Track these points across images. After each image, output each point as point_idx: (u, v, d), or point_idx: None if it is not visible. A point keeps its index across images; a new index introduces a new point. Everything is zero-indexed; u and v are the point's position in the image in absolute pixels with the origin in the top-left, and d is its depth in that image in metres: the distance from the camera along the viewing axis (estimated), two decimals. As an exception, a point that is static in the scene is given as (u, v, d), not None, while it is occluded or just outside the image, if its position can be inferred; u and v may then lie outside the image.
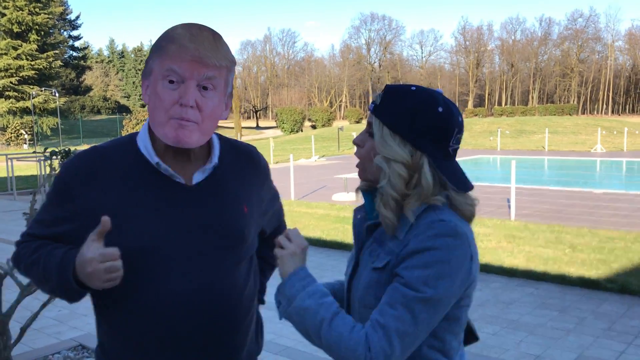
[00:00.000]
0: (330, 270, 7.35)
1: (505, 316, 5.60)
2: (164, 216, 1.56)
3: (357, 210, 1.71)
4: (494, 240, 8.57)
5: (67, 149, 3.54)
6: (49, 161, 3.69)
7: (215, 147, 1.72)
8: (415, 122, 1.44)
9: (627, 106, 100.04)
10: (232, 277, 1.68)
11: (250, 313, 1.79)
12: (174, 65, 1.51)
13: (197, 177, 1.63)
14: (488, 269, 7.12)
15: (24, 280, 3.66)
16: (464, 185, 1.47)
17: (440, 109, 1.46)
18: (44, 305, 3.76)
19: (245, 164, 1.80)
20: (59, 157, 3.58)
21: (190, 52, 1.50)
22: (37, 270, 1.57)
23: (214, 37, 1.57)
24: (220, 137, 1.77)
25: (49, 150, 3.61)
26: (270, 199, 1.92)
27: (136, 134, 1.70)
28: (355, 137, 1.55)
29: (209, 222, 1.64)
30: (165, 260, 1.58)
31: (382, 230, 1.53)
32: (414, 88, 1.49)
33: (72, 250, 1.51)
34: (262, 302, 2.05)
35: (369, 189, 1.58)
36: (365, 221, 1.61)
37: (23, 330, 3.67)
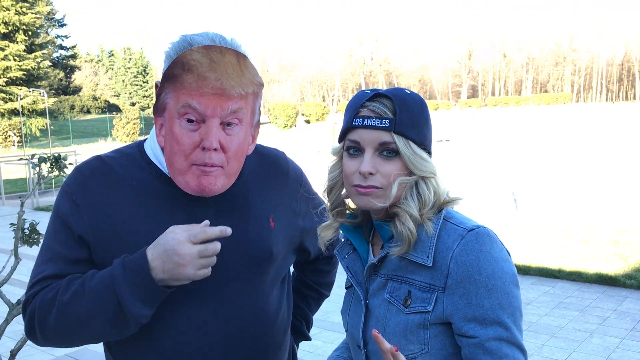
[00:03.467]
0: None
1: (524, 318, 5.34)
2: None
3: (341, 250, 1.46)
4: (502, 235, 8.32)
5: (56, 155, 3.22)
6: (37, 168, 3.38)
7: None
8: (430, 129, 1.34)
9: (621, 93, 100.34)
10: (261, 303, 1.45)
11: (283, 347, 1.55)
12: (193, 101, 1.27)
13: None
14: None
15: (12, 298, 3.36)
16: None
17: (428, 110, 1.36)
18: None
19: (271, 171, 1.56)
20: (47, 163, 3.27)
21: (211, 84, 1.26)
22: (82, 302, 1.27)
23: (238, 60, 1.31)
24: None
25: (37, 156, 3.29)
26: (309, 213, 1.64)
27: (143, 141, 1.48)
28: (363, 165, 1.27)
29: (232, 238, 1.39)
30: (183, 288, 1.35)
31: (393, 264, 1.30)
32: (408, 91, 1.33)
33: (131, 255, 1.28)
34: (307, 338, 1.81)
35: (386, 217, 1.33)
36: (360, 259, 1.39)
37: (13, 354, 3.37)
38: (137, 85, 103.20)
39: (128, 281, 1.23)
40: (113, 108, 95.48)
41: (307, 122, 55.66)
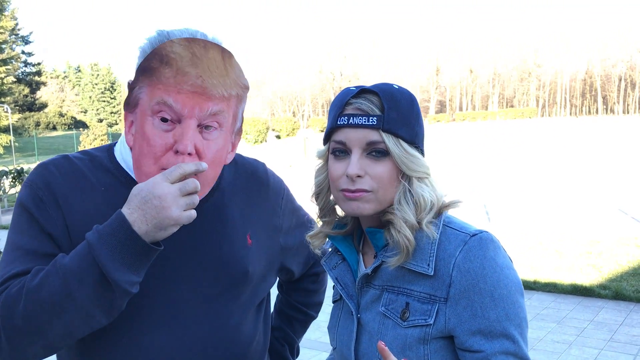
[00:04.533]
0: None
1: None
2: None
3: (328, 261, 1.34)
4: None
5: (19, 168, 3.07)
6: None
7: None
8: (420, 126, 1.22)
9: (584, 108, 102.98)
10: (232, 329, 1.30)
11: None
12: (169, 98, 1.14)
13: None
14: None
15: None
16: None
17: (419, 106, 1.25)
18: None
19: (250, 183, 1.42)
20: (9, 177, 3.11)
21: (191, 81, 1.13)
22: (55, 282, 1.08)
23: (223, 57, 1.18)
24: None
25: (-2, 170, 3.14)
26: (294, 228, 1.50)
27: (113, 144, 1.35)
28: (350, 168, 1.16)
29: (203, 256, 1.26)
30: (149, 306, 1.21)
31: (389, 274, 1.19)
32: (396, 86, 1.21)
33: (102, 224, 1.10)
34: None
35: (378, 223, 1.22)
36: (350, 269, 1.28)
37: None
38: (104, 101, 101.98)
39: (108, 245, 1.07)
40: (80, 124, 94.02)
41: (278, 137, 55.60)
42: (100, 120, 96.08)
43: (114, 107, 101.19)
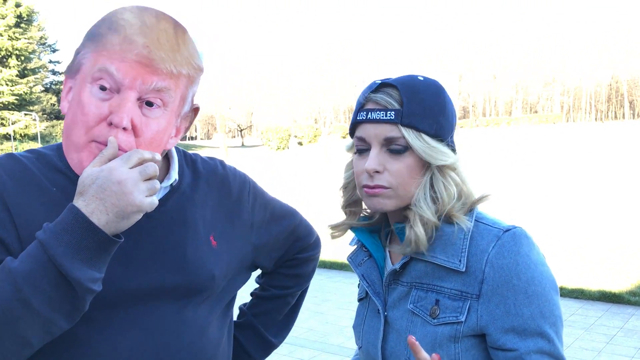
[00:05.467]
0: (332, 293, 6.91)
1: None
2: None
3: (354, 257, 1.31)
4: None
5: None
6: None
7: (174, 160, 1.27)
8: (447, 118, 1.18)
9: (610, 113, 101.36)
10: (200, 333, 1.24)
11: None
12: (111, 66, 1.07)
13: None
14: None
15: None
16: None
17: (448, 96, 1.21)
18: None
19: (210, 182, 1.34)
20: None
21: (136, 50, 1.06)
22: (5, 287, 0.97)
23: (176, 31, 1.12)
24: (178, 149, 1.33)
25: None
26: (267, 222, 1.43)
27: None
28: (368, 163, 1.14)
29: (166, 259, 1.19)
30: (107, 309, 1.13)
31: (418, 270, 1.16)
32: (421, 77, 1.19)
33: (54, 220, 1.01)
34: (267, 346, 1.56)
35: (402, 218, 1.19)
36: (377, 266, 1.25)
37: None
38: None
39: (62, 242, 0.97)
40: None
41: (300, 144, 55.68)
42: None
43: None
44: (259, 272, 1.57)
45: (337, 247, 9.41)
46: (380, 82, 1.19)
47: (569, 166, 23.45)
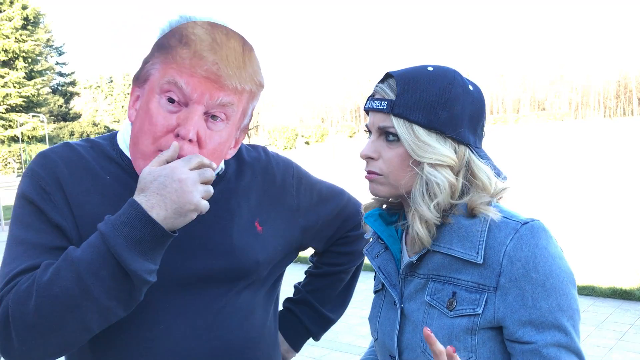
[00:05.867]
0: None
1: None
2: None
3: (370, 250, 1.32)
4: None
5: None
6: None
7: None
8: (452, 110, 1.14)
9: (619, 110, 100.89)
10: (246, 316, 1.28)
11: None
12: (181, 80, 1.11)
13: None
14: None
15: None
16: (502, 174, 1.23)
17: (471, 88, 1.18)
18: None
19: (254, 169, 1.38)
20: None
21: (206, 66, 1.11)
22: (67, 275, 1.03)
23: (244, 49, 1.15)
24: None
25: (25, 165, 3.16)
26: (314, 205, 1.46)
27: (115, 133, 1.31)
28: (362, 150, 1.19)
29: (214, 245, 1.23)
30: (163, 296, 1.18)
31: (435, 262, 1.15)
32: (431, 68, 1.18)
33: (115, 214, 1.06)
34: (314, 338, 1.62)
35: (401, 208, 1.22)
36: (393, 258, 1.25)
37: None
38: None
39: (122, 234, 1.02)
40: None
41: (307, 143, 55.80)
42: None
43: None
44: (311, 251, 1.61)
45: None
46: (386, 73, 1.21)
47: (578, 163, 23.36)
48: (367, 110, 1.21)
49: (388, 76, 1.19)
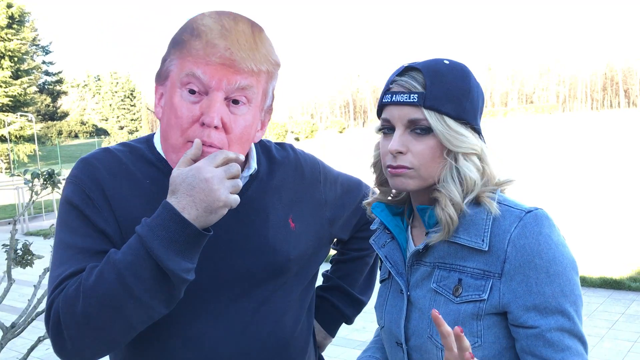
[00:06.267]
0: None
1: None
2: None
3: (377, 240, 1.35)
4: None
5: (49, 170, 3.11)
6: (29, 185, 3.25)
7: (252, 150, 1.34)
8: (472, 101, 1.20)
9: (606, 102, 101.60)
10: (281, 314, 1.32)
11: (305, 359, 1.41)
12: (198, 70, 1.14)
13: None
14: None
15: (6, 322, 3.21)
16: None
17: (475, 80, 1.23)
18: (31, 349, 3.31)
19: (283, 167, 1.42)
20: (41, 179, 3.15)
21: (219, 52, 1.13)
22: (110, 278, 1.08)
23: (253, 31, 1.19)
24: None
25: (30, 172, 3.17)
26: (339, 197, 1.52)
27: (152, 135, 1.35)
28: (391, 144, 1.18)
29: (251, 244, 1.27)
30: (195, 299, 1.21)
31: (441, 251, 1.18)
32: (447, 61, 1.22)
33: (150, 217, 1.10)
34: (348, 321, 1.67)
35: (429, 200, 1.22)
36: (399, 248, 1.28)
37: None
38: (124, 109, 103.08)
39: (159, 236, 1.06)
40: (101, 132, 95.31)
41: (297, 139, 55.74)
42: (121, 128, 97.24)
43: (134, 114, 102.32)
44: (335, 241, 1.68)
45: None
46: (406, 65, 1.22)
47: (567, 155, 23.54)
48: (387, 105, 1.21)
49: (410, 69, 1.20)
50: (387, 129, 1.22)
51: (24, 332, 3.27)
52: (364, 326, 5.21)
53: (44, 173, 3.26)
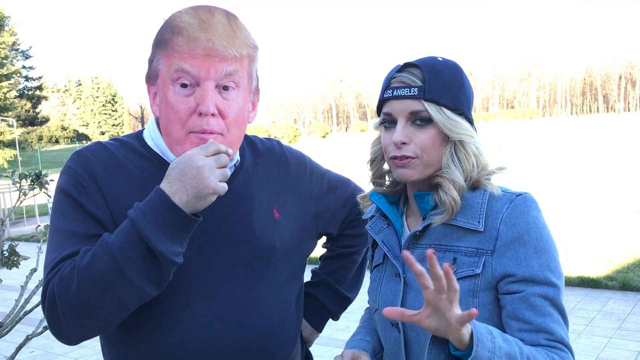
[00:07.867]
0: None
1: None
2: None
3: (373, 225, 1.43)
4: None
5: (37, 171, 3.14)
6: (16, 185, 3.28)
7: None
8: (466, 94, 1.31)
9: (585, 107, 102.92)
10: (269, 301, 1.37)
11: (294, 351, 1.46)
12: (185, 64, 1.21)
13: None
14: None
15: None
16: None
17: (467, 76, 1.36)
18: (19, 347, 3.33)
19: (269, 160, 1.49)
20: (28, 180, 3.19)
21: (202, 45, 1.21)
22: (103, 259, 1.13)
23: (229, 20, 1.26)
24: None
25: (17, 173, 3.20)
26: (325, 192, 1.58)
27: (142, 131, 1.41)
28: (395, 135, 1.27)
29: (237, 232, 1.33)
30: (189, 281, 1.27)
31: (437, 233, 1.28)
32: (440, 59, 1.32)
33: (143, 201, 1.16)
34: (334, 317, 1.72)
35: (427, 187, 1.32)
36: (395, 233, 1.36)
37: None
38: (106, 114, 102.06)
39: (150, 219, 1.12)
40: (82, 137, 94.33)
41: (280, 144, 55.67)
42: (103, 133, 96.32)
43: (115, 119, 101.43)
44: (321, 251, 1.73)
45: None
46: (404, 63, 1.32)
47: (546, 158, 23.84)
48: (388, 100, 1.29)
49: (409, 65, 1.30)
50: (389, 122, 1.30)
51: (8, 335, 3.29)
52: (348, 326, 5.28)
53: (32, 174, 3.29)
